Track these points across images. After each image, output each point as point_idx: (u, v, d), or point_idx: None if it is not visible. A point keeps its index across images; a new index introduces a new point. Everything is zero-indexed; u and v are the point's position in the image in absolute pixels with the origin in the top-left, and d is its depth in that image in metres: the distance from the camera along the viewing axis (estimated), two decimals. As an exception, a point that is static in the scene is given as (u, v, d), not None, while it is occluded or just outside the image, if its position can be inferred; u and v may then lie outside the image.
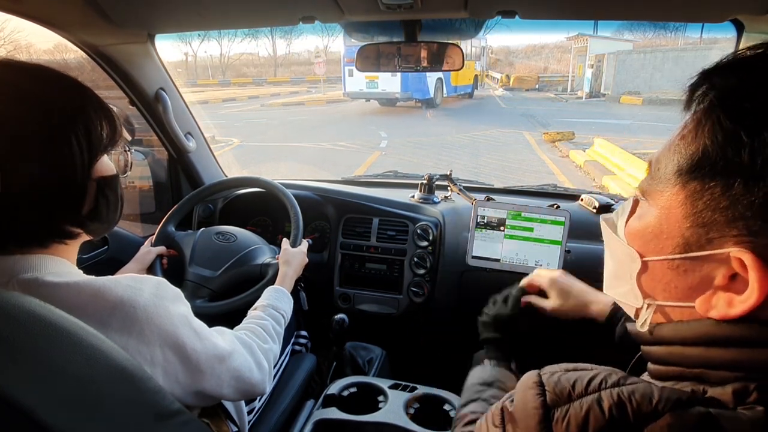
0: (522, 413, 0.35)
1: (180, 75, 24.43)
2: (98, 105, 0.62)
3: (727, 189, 0.32)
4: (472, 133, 9.36)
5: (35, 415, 0.41)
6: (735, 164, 0.31)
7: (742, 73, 0.33)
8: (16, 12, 0.97)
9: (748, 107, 0.31)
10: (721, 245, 0.33)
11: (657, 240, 0.38)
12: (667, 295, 0.38)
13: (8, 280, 0.56)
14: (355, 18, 1.06)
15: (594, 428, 0.31)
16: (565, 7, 1.00)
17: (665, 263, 0.37)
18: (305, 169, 6.92)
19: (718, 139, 0.32)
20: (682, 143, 0.35)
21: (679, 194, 0.35)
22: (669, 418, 0.29)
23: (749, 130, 0.30)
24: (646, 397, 0.31)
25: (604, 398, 0.32)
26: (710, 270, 0.34)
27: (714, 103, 0.33)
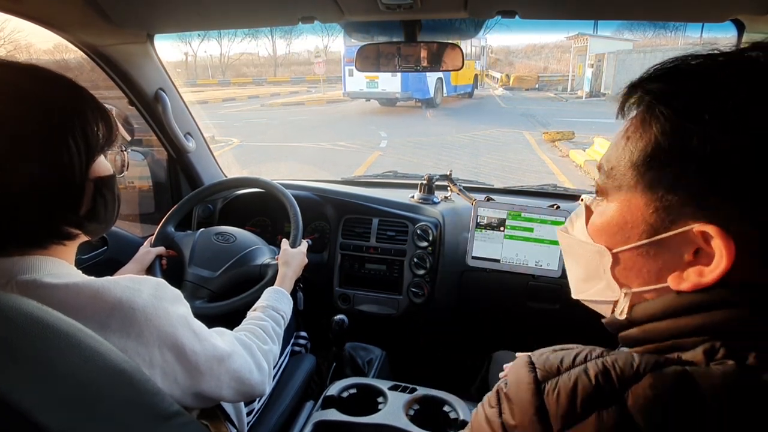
0: (516, 390, 0.37)
1: (180, 75, 24.43)
2: (94, 105, 0.62)
3: (682, 173, 0.36)
4: (472, 133, 9.36)
5: (33, 416, 0.41)
6: (686, 150, 0.35)
7: (668, 79, 0.38)
8: (15, 12, 0.97)
9: (685, 101, 0.36)
10: (684, 224, 0.36)
11: (622, 231, 0.41)
12: (641, 281, 0.41)
13: (7, 282, 0.56)
14: (355, 18, 1.06)
15: (582, 395, 0.33)
16: (565, 6, 1.00)
17: (634, 251, 0.40)
18: (305, 169, 6.92)
19: (666, 131, 0.36)
20: (631, 141, 0.39)
21: (637, 185, 0.39)
22: (649, 379, 0.32)
23: (692, 119, 0.35)
24: (628, 362, 0.34)
25: (590, 368, 0.34)
26: (677, 249, 0.38)
27: (653, 104, 0.37)
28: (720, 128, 0.34)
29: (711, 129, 0.34)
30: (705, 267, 0.36)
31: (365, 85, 12.44)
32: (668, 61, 0.39)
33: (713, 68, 0.36)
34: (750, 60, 0.35)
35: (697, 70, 0.37)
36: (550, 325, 1.40)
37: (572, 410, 0.33)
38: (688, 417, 0.31)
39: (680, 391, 0.32)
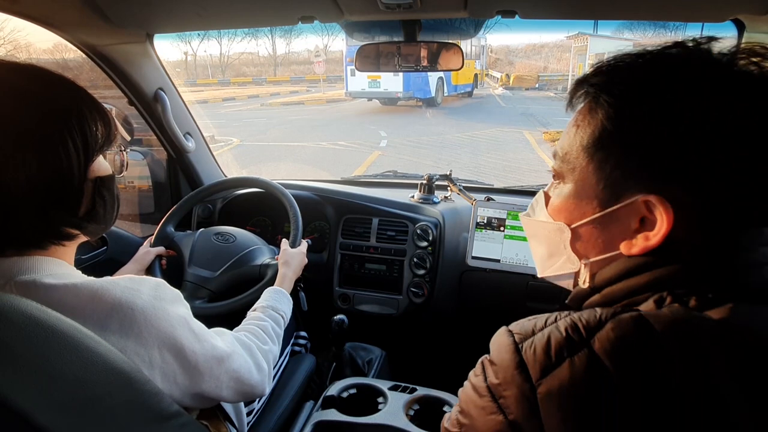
0: (497, 354, 0.42)
1: (179, 74, 24.43)
2: (93, 105, 0.62)
3: (625, 151, 0.42)
4: (472, 133, 9.35)
5: (32, 417, 0.41)
6: (627, 130, 0.41)
7: (608, 74, 0.44)
8: (13, 12, 0.96)
9: (623, 90, 0.42)
10: (630, 196, 0.42)
11: (578, 207, 0.47)
12: (597, 250, 0.47)
13: (6, 282, 0.56)
14: (355, 18, 1.06)
15: (555, 346, 0.38)
16: (565, 6, 0.99)
17: (589, 224, 0.46)
18: (305, 169, 6.92)
19: (610, 116, 0.42)
20: (581, 128, 0.45)
21: (589, 165, 0.45)
22: (611, 324, 0.37)
23: (630, 104, 0.41)
24: (592, 315, 0.39)
25: (561, 324, 0.39)
26: (625, 219, 0.43)
27: (597, 94, 0.44)
28: (651, 110, 0.40)
29: (645, 111, 0.40)
30: (650, 232, 0.41)
31: (367, 84, 12.46)
32: (606, 59, 0.45)
33: (643, 63, 0.43)
34: (670, 55, 0.42)
35: (630, 65, 0.43)
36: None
37: (548, 360, 0.37)
38: (645, 350, 0.36)
39: (637, 330, 0.36)
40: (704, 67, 0.40)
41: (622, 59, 0.44)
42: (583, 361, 0.36)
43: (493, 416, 0.40)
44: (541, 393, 0.37)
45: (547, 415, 0.36)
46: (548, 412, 0.36)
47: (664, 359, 0.35)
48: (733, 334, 0.36)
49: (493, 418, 0.40)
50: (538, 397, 0.37)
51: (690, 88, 0.39)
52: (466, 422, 0.44)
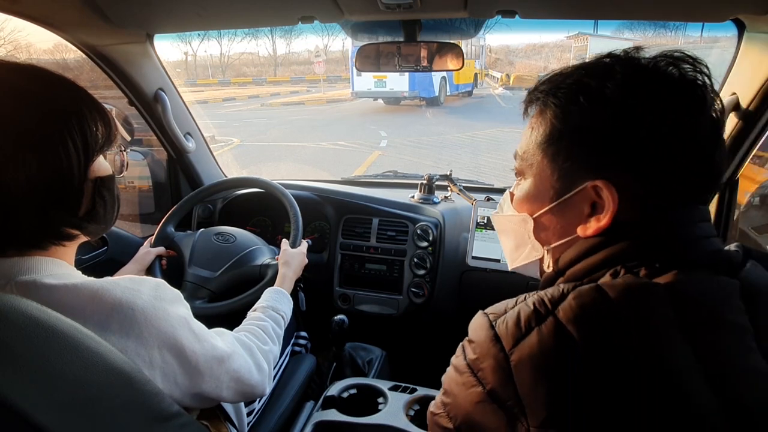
0: (474, 333, 0.46)
1: (179, 74, 24.43)
2: (93, 105, 0.62)
3: (572, 143, 0.48)
4: (472, 133, 9.35)
5: (33, 417, 0.41)
6: (572, 125, 0.48)
7: (552, 82, 0.51)
8: (13, 12, 0.96)
9: (566, 92, 0.48)
10: (581, 183, 0.48)
11: (538, 199, 0.53)
12: (557, 236, 0.52)
13: (6, 283, 0.56)
14: (355, 18, 1.06)
15: (525, 318, 0.42)
16: (565, 6, 0.99)
17: (548, 213, 0.52)
18: (305, 169, 6.92)
19: (558, 115, 0.49)
20: (535, 129, 0.51)
21: (543, 160, 0.51)
22: (572, 295, 0.42)
23: (574, 104, 0.47)
24: (557, 289, 0.43)
25: (529, 300, 0.44)
26: (579, 205, 0.49)
27: (546, 99, 0.50)
28: (590, 108, 0.46)
29: (585, 109, 0.47)
30: (600, 215, 0.47)
31: (373, 84, 12.54)
32: (549, 73, 0.52)
33: (580, 70, 0.49)
34: (604, 63, 0.49)
35: (571, 73, 0.50)
36: None
37: (519, 331, 0.42)
38: (603, 314, 0.40)
39: (595, 298, 0.41)
40: (632, 70, 0.47)
41: (564, 70, 0.51)
42: (549, 329, 0.40)
43: (473, 389, 0.43)
44: (514, 360, 0.41)
45: (520, 380, 0.40)
46: (521, 377, 0.40)
47: (620, 320, 0.40)
48: (677, 294, 0.40)
49: (472, 391, 0.43)
50: (512, 364, 0.41)
51: (620, 88, 0.45)
52: (449, 401, 0.47)
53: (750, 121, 1.01)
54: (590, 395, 0.38)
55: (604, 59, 0.49)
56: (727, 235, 1.22)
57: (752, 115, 0.99)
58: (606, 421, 0.38)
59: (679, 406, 0.37)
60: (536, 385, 0.39)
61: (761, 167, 1.90)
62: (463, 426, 0.45)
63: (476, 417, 0.43)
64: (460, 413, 0.45)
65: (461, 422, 0.45)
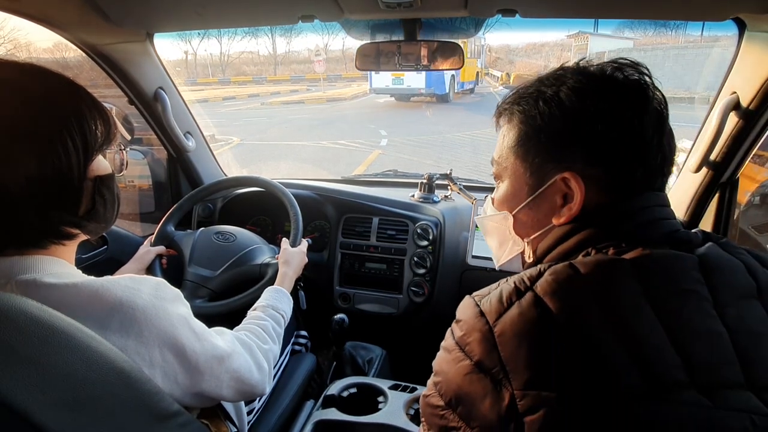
0: (461, 313, 0.50)
1: (179, 73, 24.41)
2: (92, 103, 0.61)
3: (539, 141, 0.54)
4: (472, 132, 9.34)
5: (33, 417, 0.41)
6: (538, 128, 0.54)
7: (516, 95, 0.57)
8: (13, 11, 0.96)
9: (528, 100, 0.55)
10: (551, 177, 0.53)
11: (515, 196, 0.58)
12: (535, 229, 0.57)
13: (6, 282, 0.56)
14: (355, 17, 1.06)
15: (506, 295, 0.46)
16: (566, 5, 0.99)
17: (525, 208, 0.57)
18: (305, 168, 6.91)
19: (523, 120, 0.55)
20: (506, 135, 0.58)
21: (516, 160, 0.57)
22: (548, 272, 0.46)
23: (536, 108, 0.54)
24: (536, 269, 0.48)
25: (510, 280, 0.48)
26: (551, 198, 0.54)
27: (512, 110, 0.57)
28: (550, 111, 0.52)
29: (545, 112, 0.53)
30: (571, 204, 0.52)
31: (391, 81, 12.98)
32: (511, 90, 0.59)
33: (539, 82, 0.56)
34: (560, 74, 0.55)
35: (530, 86, 0.56)
36: None
37: (501, 306, 0.46)
38: (575, 286, 0.45)
39: (568, 273, 0.45)
40: (581, 76, 0.53)
41: (525, 84, 0.58)
42: (528, 301, 0.44)
43: (461, 363, 0.46)
44: (497, 331, 0.44)
45: (504, 347, 0.44)
46: (504, 345, 0.44)
47: (591, 291, 0.44)
48: (642, 267, 0.45)
49: (461, 365, 0.46)
50: (495, 335, 0.44)
51: (572, 91, 0.52)
52: (439, 379, 0.50)
53: (750, 121, 1.01)
54: (568, 357, 0.41)
55: (558, 71, 0.55)
56: (727, 234, 1.22)
57: (752, 115, 0.99)
58: (584, 379, 0.41)
59: (647, 362, 0.41)
60: (518, 350, 0.43)
61: (761, 166, 1.90)
62: (453, 400, 0.47)
63: (464, 388, 0.46)
64: (451, 388, 0.47)
65: (451, 396, 0.47)
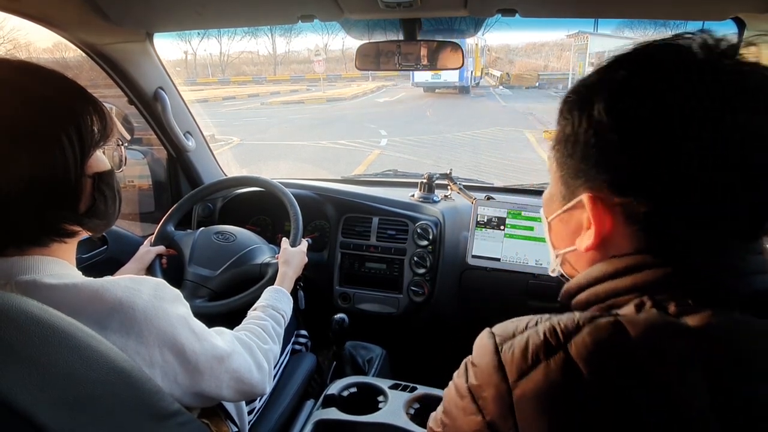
0: (478, 356, 0.42)
1: (179, 73, 24.42)
2: (87, 99, 0.61)
3: (572, 153, 0.44)
4: (472, 132, 9.35)
5: (33, 416, 0.41)
6: (568, 134, 0.44)
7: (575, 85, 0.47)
8: (13, 11, 0.96)
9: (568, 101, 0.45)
10: (578, 194, 0.44)
11: (551, 202, 0.50)
12: (564, 244, 0.50)
13: (6, 283, 0.55)
14: (355, 16, 1.06)
15: (533, 349, 0.38)
16: (566, 5, 0.99)
17: (557, 218, 0.50)
18: (305, 168, 6.91)
19: (561, 123, 0.46)
20: (556, 130, 0.48)
21: (554, 164, 0.48)
22: (587, 329, 0.37)
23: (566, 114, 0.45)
24: (571, 319, 0.39)
25: (540, 327, 0.39)
26: (579, 215, 0.46)
27: (563, 103, 0.47)
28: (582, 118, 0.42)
29: (579, 119, 0.43)
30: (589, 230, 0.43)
31: (430, 76, 14.83)
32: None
33: (594, 76, 0.45)
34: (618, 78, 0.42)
35: (586, 79, 0.46)
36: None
37: (524, 362, 0.38)
38: (619, 355, 0.36)
39: (613, 335, 0.36)
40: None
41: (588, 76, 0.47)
42: (558, 364, 0.36)
43: (473, 417, 0.41)
44: (517, 394, 0.38)
45: (522, 415, 0.37)
46: (522, 413, 0.37)
47: (638, 363, 0.35)
48: (709, 340, 0.35)
49: (472, 419, 0.41)
50: (514, 398, 0.38)
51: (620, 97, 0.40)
52: (448, 422, 0.45)
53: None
54: None
55: (621, 71, 0.42)
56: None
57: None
58: None
59: None
60: (537, 421, 0.37)
61: None
62: None
63: None
64: None
65: None
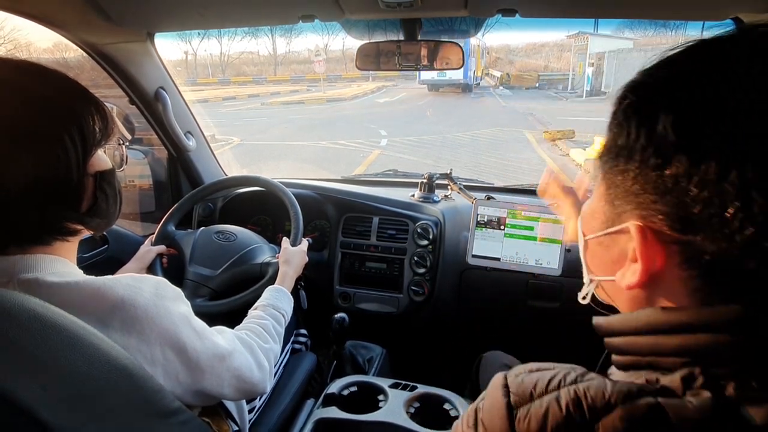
0: (489, 416, 0.37)
1: (180, 73, 24.44)
2: (89, 99, 0.61)
3: (625, 169, 0.36)
4: (472, 132, 9.35)
5: (35, 413, 0.41)
6: (625, 148, 0.35)
7: (637, 77, 0.37)
8: (14, 10, 0.97)
9: (634, 99, 0.36)
10: (626, 219, 0.36)
11: (591, 219, 0.43)
12: (601, 270, 0.42)
13: (8, 281, 0.56)
14: (355, 16, 1.06)
15: (552, 424, 0.32)
16: (566, 5, 1.00)
17: (596, 240, 0.42)
18: (305, 168, 6.92)
19: (613, 130, 0.37)
20: (606, 135, 0.40)
21: (599, 175, 0.40)
22: (620, 411, 0.31)
23: (622, 120, 0.36)
24: (600, 391, 0.32)
25: (562, 396, 0.33)
26: (623, 243, 0.38)
27: (624, 95, 0.37)
28: (641, 131, 0.34)
29: (637, 130, 0.34)
30: (635, 265, 0.35)
31: (436, 74, 15.33)
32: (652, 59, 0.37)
33: (648, 76, 0.36)
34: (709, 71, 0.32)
35: (657, 65, 0.36)
36: (551, 324, 1.40)
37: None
38: None
39: (651, 424, 0.30)
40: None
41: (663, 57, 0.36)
42: None
43: None
44: None
45: None
46: None
47: None
48: None
49: None
50: None
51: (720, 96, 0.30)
52: None
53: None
54: None
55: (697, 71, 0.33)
56: None
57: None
58: None
59: None
60: None
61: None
62: None
63: None
64: None
65: None
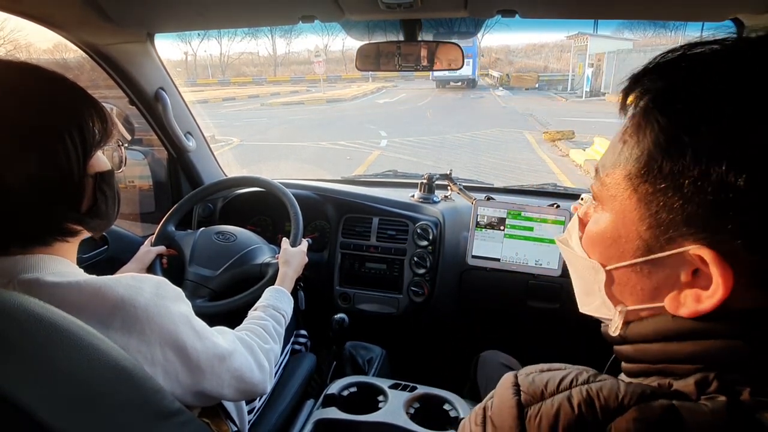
0: (499, 414, 0.36)
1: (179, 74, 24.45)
2: (89, 101, 0.62)
3: (677, 189, 0.32)
4: (472, 133, 9.35)
5: (35, 414, 0.41)
6: (681, 165, 0.31)
7: (669, 75, 0.33)
8: (14, 11, 0.97)
9: (681, 108, 0.31)
10: (680, 244, 0.33)
11: (616, 245, 0.38)
12: (636, 299, 0.38)
13: (8, 281, 0.56)
14: (355, 17, 1.06)
15: (564, 424, 0.32)
16: (565, 6, 1.00)
17: (629, 268, 0.37)
18: (305, 169, 6.92)
19: (660, 142, 0.32)
20: (627, 147, 0.35)
21: (631, 198, 0.35)
22: (634, 412, 0.30)
23: (687, 130, 0.31)
24: (613, 392, 0.32)
25: (574, 395, 0.33)
26: (673, 268, 0.34)
27: (650, 106, 0.33)
28: (717, 142, 0.30)
29: (707, 143, 0.30)
30: (703, 291, 0.33)
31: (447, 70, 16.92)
32: (675, 48, 0.34)
33: (717, 63, 0.31)
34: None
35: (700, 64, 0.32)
36: (551, 324, 1.40)
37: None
38: None
39: (665, 426, 0.30)
40: None
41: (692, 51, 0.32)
42: None
43: None
44: None
45: None
46: None
47: None
48: None
49: None
50: None
51: None
52: None
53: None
54: None
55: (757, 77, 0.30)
56: None
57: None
58: None
59: None
60: None
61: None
62: None
63: None
64: None
65: None
